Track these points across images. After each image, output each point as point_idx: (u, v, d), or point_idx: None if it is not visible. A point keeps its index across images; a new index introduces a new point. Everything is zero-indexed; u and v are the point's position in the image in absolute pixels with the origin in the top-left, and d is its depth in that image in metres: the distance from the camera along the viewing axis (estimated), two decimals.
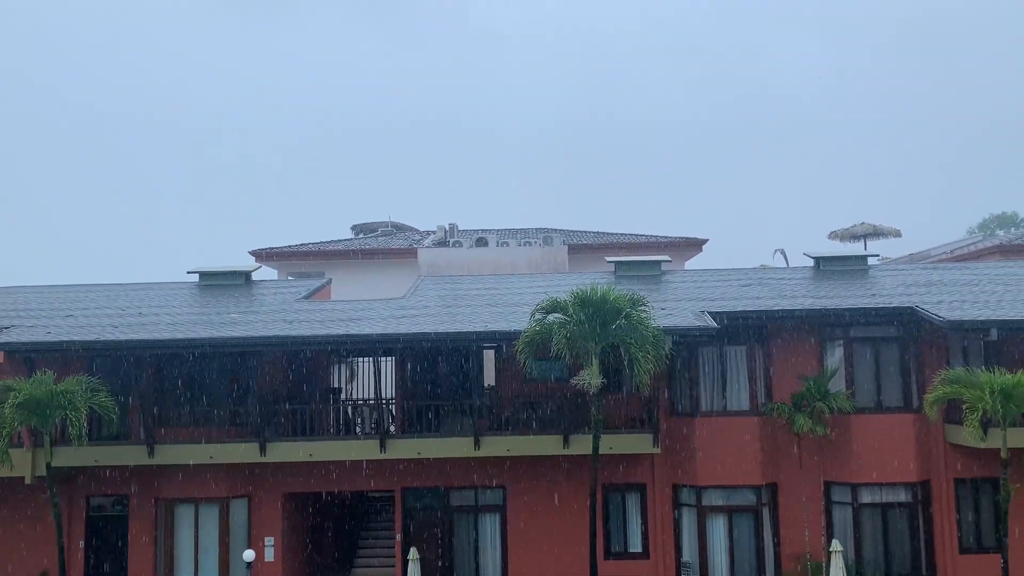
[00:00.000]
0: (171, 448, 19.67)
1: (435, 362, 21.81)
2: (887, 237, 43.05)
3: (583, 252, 32.48)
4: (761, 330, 20.41)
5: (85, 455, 19.23)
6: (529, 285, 24.29)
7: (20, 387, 17.89)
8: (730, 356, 20.25)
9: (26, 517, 20.72)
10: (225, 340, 19.19)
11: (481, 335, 19.25)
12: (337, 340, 19.36)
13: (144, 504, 20.75)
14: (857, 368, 20.25)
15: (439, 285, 25.34)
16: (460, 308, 21.91)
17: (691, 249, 33.67)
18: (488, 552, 20.70)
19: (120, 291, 25.03)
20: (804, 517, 19.95)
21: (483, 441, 19.51)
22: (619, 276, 24.49)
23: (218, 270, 25.75)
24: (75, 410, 17.80)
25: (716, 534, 19.86)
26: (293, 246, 34.68)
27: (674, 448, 20.23)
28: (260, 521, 20.75)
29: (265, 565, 20.50)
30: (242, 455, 19.70)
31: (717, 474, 19.75)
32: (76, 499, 20.91)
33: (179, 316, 21.76)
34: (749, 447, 19.82)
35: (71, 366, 20.17)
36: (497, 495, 20.76)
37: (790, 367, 20.27)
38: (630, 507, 20.63)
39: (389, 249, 34.22)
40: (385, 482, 20.91)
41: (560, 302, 17.71)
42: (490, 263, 30.16)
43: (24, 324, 20.80)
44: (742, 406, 20.11)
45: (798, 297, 21.37)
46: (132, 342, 19.22)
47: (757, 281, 23.51)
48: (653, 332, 17.31)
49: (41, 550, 20.46)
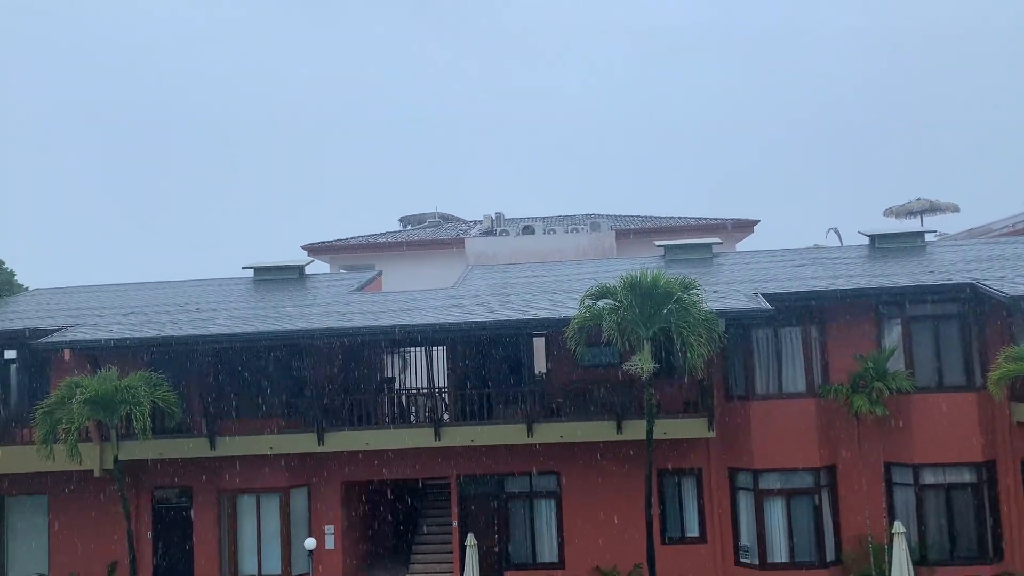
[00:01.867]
0: (232, 440, 20.14)
1: (486, 350, 21.94)
2: (945, 213, 41.92)
3: (631, 237, 32.27)
4: (816, 311, 20.09)
5: (149, 448, 19.79)
6: (577, 272, 24.25)
7: (86, 383, 18.46)
8: (785, 338, 19.99)
9: (95, 510, 21.41)
10: (281, 333, 19.56)
11: (531, 323, 19.30)
12: (390, 330, 19.59)
13: (207, 495, 21.29)
14: (916, 347, 19.82)
15: (487, 274, 25.43)
16: (509, 296, 21.98)
17: (742, 231, 33.22)
18: (544, 538, 20.80)
19: (178, 288, 25.63)
20: (864, 499, 19.63)
21: (536, 428, 19.59)
22: (669, 260, 24.31)
23: (272, 265, 26.20)
24: (139, 405, 18.33)
25: (774, 517, 19.67)
26: (344, 240, 35.11)
27: (729, 432, 20.06)
28: (320, 510, 21.15)
29: (326, 553, 20.91)
30: (301, 445, 20.09)
31: (774, 457, 19.55)
32: (142, 491, 21.54)
33: (236, 311, 22.21)
34: (806, 429, 19.56)
35: (134, 362, 20.77)
36: (551, 481, 20.84)
37: (847, 347, 19.93)
38: (686, 492, 20.54)
39: (437, 240, 34.42)
40: (441, 469, 21.14)
41: (610, 288, 17.65)
42: (537, 251, 30.17)
43: (88, 323, 21.44)
44: (798, 388, 19.83)
45: (853, 276, 20.97)
46: (192, 337, 19.69)
47: (811, 261, 23.14)
48: (705, 315, 17.17)
49: (111, 541, 21.16)
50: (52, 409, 18.57)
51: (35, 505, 21.73)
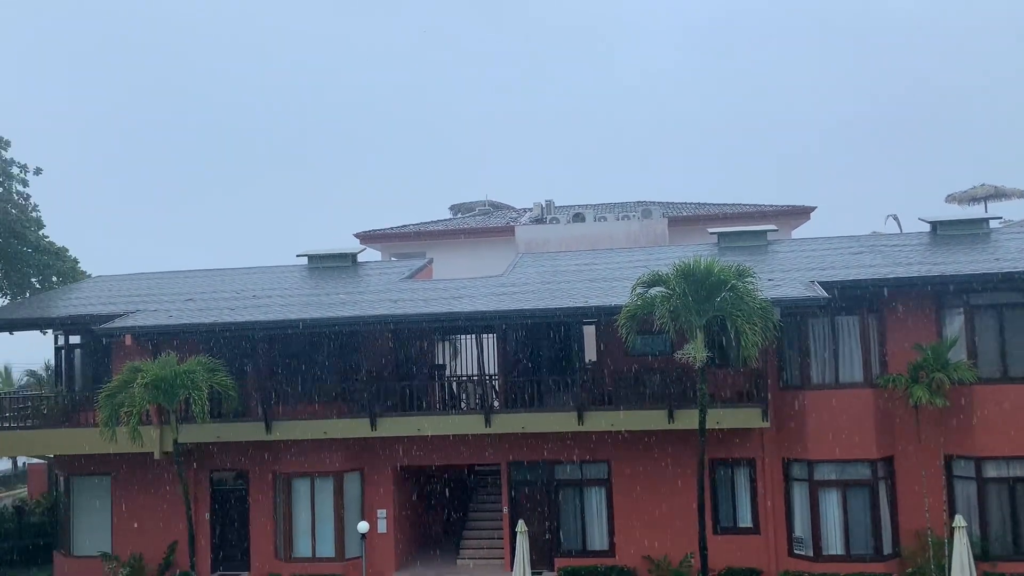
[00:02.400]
0: (287, 424, 20.50)
1: (536, 338, 21.93)
2: (1010, 199, 40.53)
3: (683, 224, 31.88)
4: (874, 299, 19.64)
5: (208, 432, 20.25)
6: (628, 259, 24.07)
7: (147, 368, 18.95)
8: (841, 327, 19.58)
9: (156, 491, 22.01)
10: (335, 320, 19.81)
11: (581, 310, 19.22)
12: (441, 318, 19.70)
13: (263, 478, 21.72)
14: (979, 336, 19.25)
15: (538, 262, 25.39)
16: (559, 284, 21.92)
17: (798, 218, 32.57)
18: (594, 526, 20.78)
19: (235, 275, 26.12)
20: (924, 492, 19.19)
21: (586, 416, 19.54)
22: (722, 247, 23.98)
23: (326, 252, 26.54)
24: (197, 389, 18.76)
25: (829, 509, 19.34)
26: (395, 228, 35.37)
27: (784, 422, 19.77)
28: (373, 494, 21.43)
29: (378, 536, 21.20)
30: (354, 430, 20.35)
31: (830, 448, 19.20)
32: (201, 474, 22.06)
33: (291, 298, 22.56)
34: (863, 420, 19.17)
35: (193, 347, 21.26)
36: (602, 469, 20.78)
37: (906, 337, 19.46)
38: (739, 482, 20.30)
39: (487, 228, 34.45)
40: (491, 456, 21.23)
41: (662, 275, 17.47)
42: (588, 238, 30.00)
43: (148, 309, 21.97)
44: (855, 378, 19.43)
45: (914, 264, 20.43)
46: (248, 323, 20.06)
47: (869, 248, 22.60)
48: (760, 304, 16.90)
49: (171, 522, 21.73)
50: (114, 393, 19.11)
51: (99, 485, 22.42)
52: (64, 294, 25.68)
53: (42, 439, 21.75)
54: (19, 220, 28.16)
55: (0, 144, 28.54)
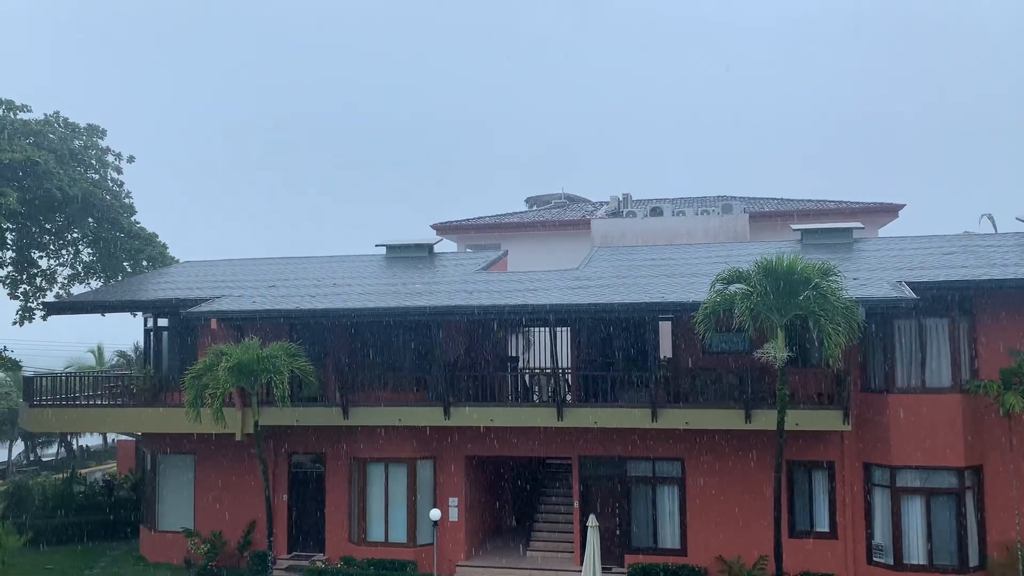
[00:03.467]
0: (363, 410, 20.86)
1: (610, 332, 21.78)
2: None
3: (765, 220, 31.19)
4: (965, 301, 18.87)
5: (287, 415, 20.76)
6: (707, 255, 23.68)
7: (231, 352, 19.51)
8: (930, 329, 18.89)
9: (237, 471, 22.70)
10: (412, 309, 20.04)
11: (657, 306, 18.99)
12: (516, 310, 19.72)
13: (339, 462, 22.17)
14: None
15: (613, 255, 25.20)
16: (635, 278, 21.70)
17: (885, 215, 31.50)
18: (666, 523, 20.56)
19: (316, 263, 26.69)
20: (1015, 504, 18.39)
21: (660, 413, 19.33)
22: (806, 245, 23.38)
23: (403, 243, 26.88)
24: (279, 373, 19.23)
25: (912, 517, 18.71)
26: (471, 220, 35.57)
27: (865, 425, 19.19)
28: (444, 482, 21.65)
29: (449, 524, 21.41)
30: (428, 418, 20.59)
31: (913, 454, 18.56)
32: (280, 456, 22.65)
33: (369, 286, 22.93)
34: (950, 426, 18.46)
35: (274, 332, 21.81)
36: (675, 467, 20.54)
37: (999, 342, 18.66)
38: (816, 485, 19.81)
39: (563, 221, 34.35)
40: (562, 449, 21.21)
41: (742, 272, 17.10)
42: (665, 233, 29.60)
43: (232, 294, 22.63)
44: (942, 383, 18.73)
45: (1010, 265, 19.53)
46: (328, 311, 20.47)
47: (961, 248, 21.71)
48: (844, 303, 16.40)
49: (250, 502, 22.38)
50: (199, 375, 19.72)
51: (183, 464, 23.26)
52: (153, 278, 26.65)
53: (131, 417, 22.64)
54: (113, 206, 29.30)
55: (96, 133, 29.71)
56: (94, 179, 29.31)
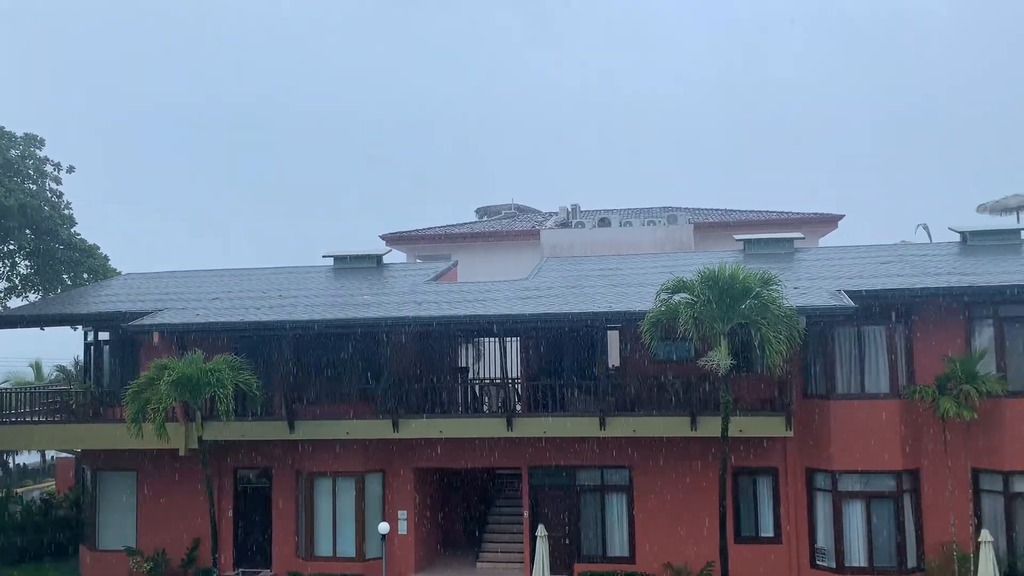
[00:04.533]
0: (310, 424, 20.64)
1: (559, 342, 21.92)
2: None
3: (709, 230, 31.73)
4: (902, 309, 19.43)
5: (232, 430, 20.44)
6: (653, 265, 23.99)
7: (174, 366, 19.16)
8: (868, 336, 19.39)
9: (180, 487, 22.24)
10: (359, 321, 19.93)
11: (605, 315, 19.19)
12: (465, 320, 19.75)
13: (286, 476, 21.89)
14: (1009, 349, 18.99)
15: (562, 266, 25.38)
16: (584, 288, 21.90)
17: (825, 226, 32.30)
18: (615, 531, 20.72)
19: (261, 275, 26.35)
20: (949, 505, 18.94)
21: (608, 421, 19.50)
22: (748, 254, 23.83)
23: (351, 254, 26.70)
24: (223, 387, 18.93)
25: (853, 520, 19.14)
26: (420, 230, 35.52)
27: (808, 431, 19.60)
28: (393, 495, 21.52)
29: (399, 537, 21.28)
30: (376, 431, 20.46)
31: (854, 459, 19.01)
32: (225, 471, 22.27)
33: (316, 298, 22.73)
34: (889, 431, 18.96)
35: (218, 346, 21.48)
36: (623, 475, 20.72)
37: (934, 348, 19.23)
38: (761, 491, 20.17)
39: (512, 231, 34.49)
40: (512, 460, 21.25)
41: (686, 282, 17.41)
42: (613, 243, 29.92)
43: (176, 307, 22.24)
44: (881, 388, 19.23)
45: (943, 274, 20.19)
46: (274, 323, 20.24)
47: (898, 258, 22.37)
48: (785, 312, 16.78)
49: (194, 518, 21.97)
50: (141, 389, 19.33)
51: (125, 481, 22.72)
52: (94, 291, 26.06)
53: (70, 433, 22.07)
54: (52, 217, 28.60)
55: (35, 143, 29.02)
56: (31, 190, 28.60)
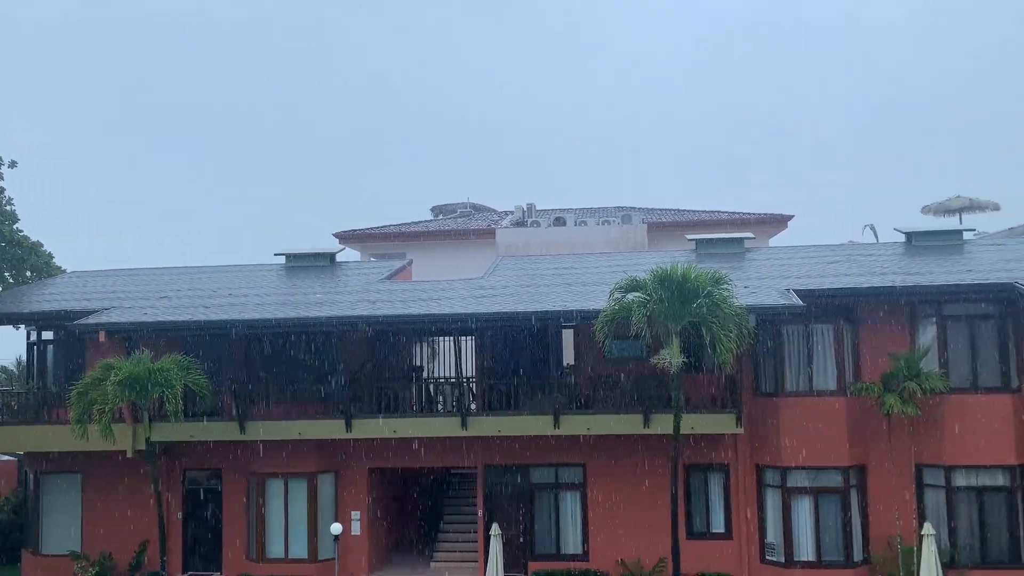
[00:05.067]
0: (261, 424, 20.38)
1: (514, 341, 21.94)
2: (985, 211, 40.94)
3: (662, 230, 32.06)
4: (849, 308, 19.83)
5: (181, 431, 20.08)
6: (608, 264, 24.13)
7: (120, 365, 18.77)
8: (816, 335, 19.76)
9: (128, 489, 21.79)
10: (311, 320, 19.73)
11: (560, 314, 19.27)
12: (419, 319, 19.68)
13: (237, 478, 21.58)
14: (951, 347, 19.49)
15: (517, 265, 25.42)
16: (539, 287, 21.96)
17: (775, 226, 32.87)
18: (569, 529, 20.81)
19: (211, 273, 25.93)
20: (894, 500, 19.39)
21: (563, 420, 19.58)
22: (700, 254, 24.12)
23: (304, 252, 26.40)
24: (171, 387, 18.61)
25: (801, 516, 19.50)
26: (375, 228, 35.29)
27: (758, 428, 19.91)
28: (347, 495, 21.34)
29: (352, 538, 21.11)
30: (329, 431, 20.27)
31: (803, 455, 19.36)
32: (174, 473, 21.88)
33: (268, 297, 22.44)
34: (836, 428, 19.35)
35: (167, 345, 21.07)
36: (577, 473, 20.82)
37: (879, 346, 19.66)
38: (712, 487, 20.42)
39: (468, 230, 34.46)
40: (467, 459, 21.22)
41: (639, 281, 17.57)
42: (568, 242, 30.06)
43: (123, 306, 21.77)
44: (829, 386, 19.62)
45: (888, 274, 20.66)
46: (223, 322, 19.94)
47: (845, 258, 22.83)
48: (736, 311, 17.03)
49: (142, 521, 21.53)
50: (87, 390, 18.91)
51: (69, 483, 22.18)
52: (38, 289, 25.38)
53: (12, 435, 21.49)
54: None
55: None
56: None
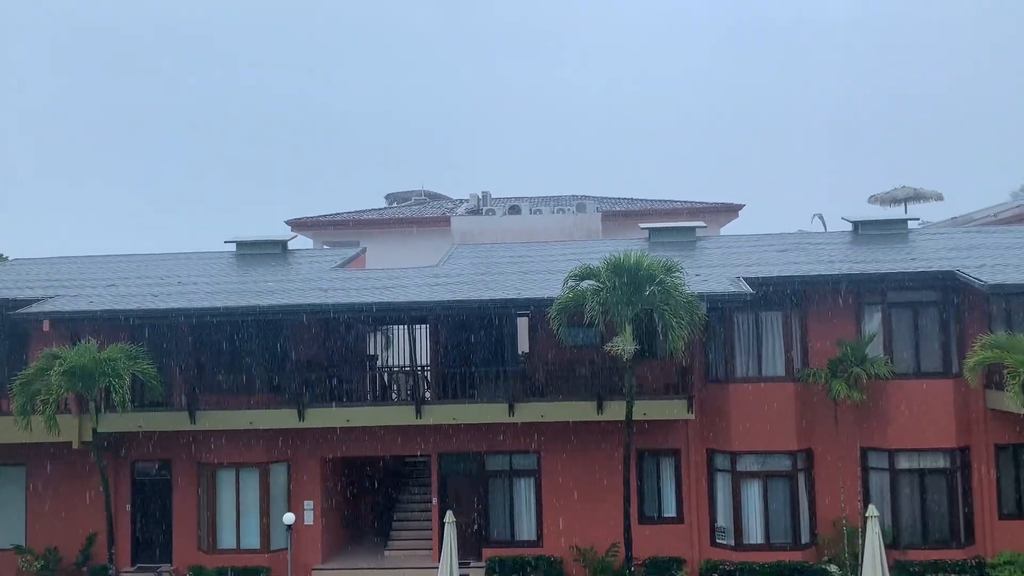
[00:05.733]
0: (212, 414, 20.10)
1: (469, 329, 21.93)
2: (928, 201, 42.19)
3: (617, 219, 32.28)
4: (798, 295, 20.20)
5: (129, 421, 19.72)
6: (562, 252, 24.25)
7: (65, 355, 18.35)
8: (766, 322, 20.11)
9: (74, 481, 21.33)
10: (263, 308, 19.48)
11: (514, 302, 19.31)
12: (372, 308, 19.54)
13: (187, 469, 21.27)
14: (896, 333, 19.98)
15: (472, 253, 25.40)
16: (493, 276, 21.97)
17: (727, 215, 33.31)
18: (523, 516, 20.92)
19: (160, 261, 25.46)
20: (840, 483, 19.86)
21: (517, 407, 19.65)
22: (653, 243, 24.34)
23: (255, 239, 26.05)
24: (118, 377, 18.24)
25: (751, 499, 19.87)
26: (328, 215, 34.93)
27: (709, 414, 20.20)
28: (300, 485, 21.17)
29: (305, 528, 20.96)
30: (281, 421, 20.08)
31: (752, 440, 19.72)
32: (122, 464, 21.49)
33: (218, 285, 22.11)
34: (785, 413, 19.73)
35: (114, 334, 20.61)
36: (531, 460, 20.93)
37: (827, 333, 20.07)
38: (664, 472, 20.69)
39: (422, 218, 34.30)
40: (421, 447, 21.19)
41: (593, 269, 17.69)
42: (523, 231, 30.11)
43: (68, 294, 21.27)
44: (778, 372, 19.98)
45: (836, 262, 21.10)
46: (172, 310, 19.60)
47: (794, 246, 23.24)
48: (687, 298, 17.24)
49: (90, 514, 21.09)
50: (30, 380, 18.46)
51: (12, 476, 21.62)
52: None
53: None
54: None
55: None
56: None
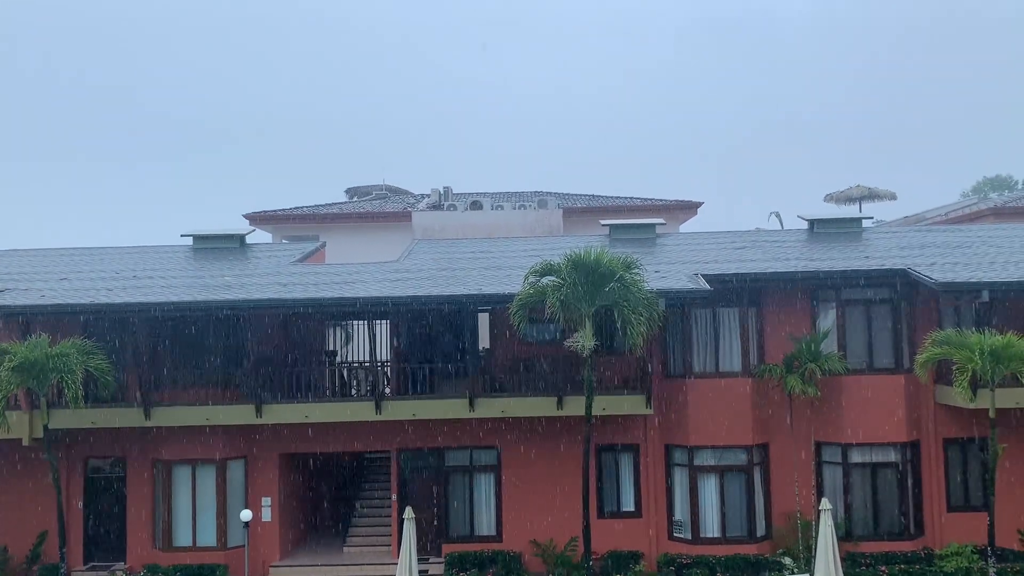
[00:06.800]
0: (167, 410, 19.81)
1: (430, 325, 21.91)
2: (882, 200, 43.01)
3: (578, 215, 32.42)
4: (754, 292, 20.49)
5: (82, 417, 19.35)
6: (523, 248, 24.30)
7: (15, 350, 17.96)
8: (723, 318, 20.37)
9: (25, 479, 20.89)
10: (220, 303, 19.24)
11: (475, 298, 19.30)
12: (332, 303, 19.41)
13: (141, 465, 20.94)
14: (849, 330, 20.38)
15: (433, 248, 25.34)
16: (454, 271, 21.94)
17: (686, 212, 33.64)
18: (483, 511, 20.96)
19: (114, 254, 25.00)
20: (795, 477, 20.21)
21: (477, 403, 19.67)
22: (613, 239, 24.50)
23: (212, 233, 25.70)
24: (71, 372, 17.89)
25: (708, 493, 20.13)
26: (287, 209, 34.56)
27: (667, 409, 20.42)
28: (257, 482, 20.97)
29: (262, 525, 20.77)
30: (238, 417, 19.85)
31: (709, 434, 19.97)
32: (74, 461, 21.09)
33: (174, 279, 21.77)
34: (741, 408, 20.01)
35: (66, 329, 20.19)
36: (491, 455, 20.97)
37: (783, 329, 20.39)
38: (623, 467, 20.86)
39: (383, 212, 34.12)
40: (381, 443, 21.11)
41: (554, 265, 17.76)
42: (485, 226, 30.11)
43: (19, 287, 20.81)
44: (734, 367, 20.26)
45: (791, 259, 21.43)
46: (127, 305, 19.26)
47: (751, 244, 23.55)
48: (646, 295, 17.38)
49: (40, 511, 20.68)
50: None
51: None
52: None
53: None
54: None
55: None
56: None
